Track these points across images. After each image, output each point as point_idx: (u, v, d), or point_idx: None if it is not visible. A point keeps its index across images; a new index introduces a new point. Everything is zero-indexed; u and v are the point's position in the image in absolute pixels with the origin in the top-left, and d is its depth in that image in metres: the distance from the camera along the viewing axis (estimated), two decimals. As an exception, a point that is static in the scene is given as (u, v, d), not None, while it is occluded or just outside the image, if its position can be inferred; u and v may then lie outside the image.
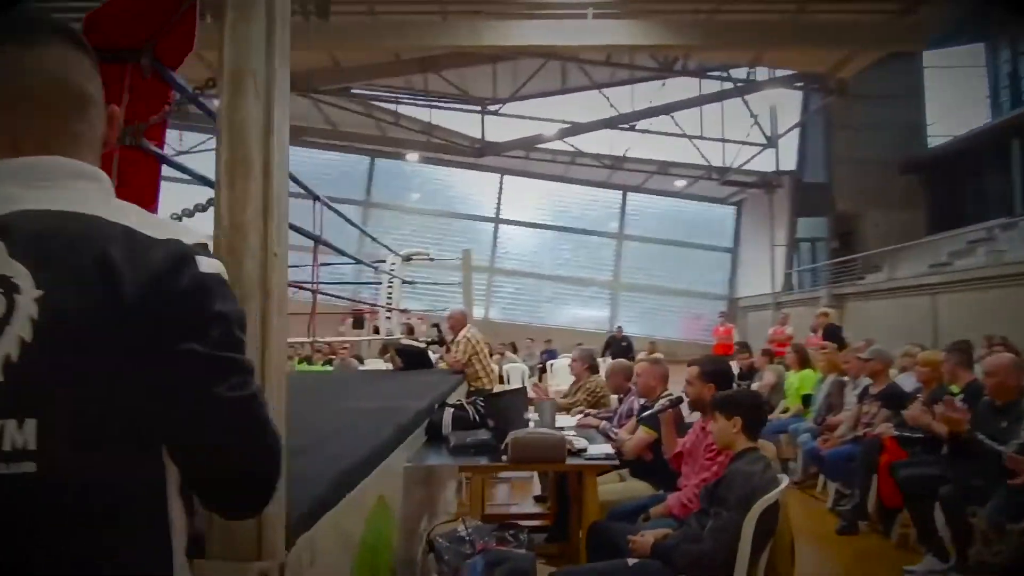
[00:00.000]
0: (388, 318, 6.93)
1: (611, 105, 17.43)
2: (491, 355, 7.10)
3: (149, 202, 2.32)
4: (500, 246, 20.81)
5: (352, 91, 17.17)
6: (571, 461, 3.19)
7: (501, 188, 20.87)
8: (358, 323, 12.30)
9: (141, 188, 2.28)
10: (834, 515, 4.88)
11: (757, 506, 2.34)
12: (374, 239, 6.02)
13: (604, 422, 4.20)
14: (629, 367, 4.52)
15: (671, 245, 21.35)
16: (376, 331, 6.71)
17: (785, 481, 2.52)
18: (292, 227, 4.54)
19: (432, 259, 8.28)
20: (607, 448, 3.44)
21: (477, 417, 3.66)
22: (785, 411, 6.28)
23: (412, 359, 7.04)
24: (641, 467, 3.71)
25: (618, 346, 12.76)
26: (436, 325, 9.42)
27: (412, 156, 19.49)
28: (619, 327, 14.07)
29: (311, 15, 11.57)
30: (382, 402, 3.96)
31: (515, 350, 12.89)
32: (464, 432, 3.59)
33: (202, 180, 4.07)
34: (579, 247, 21.12)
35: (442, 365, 7.01)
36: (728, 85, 17.29)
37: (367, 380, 6.34)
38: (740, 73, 16.81)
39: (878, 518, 4.52)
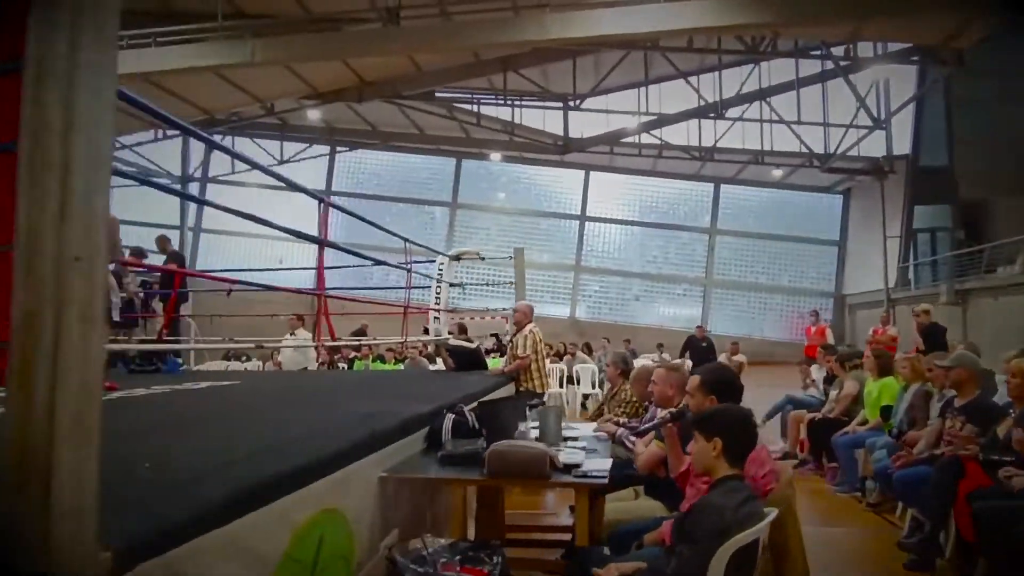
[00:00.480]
0: (436, 319, 6.84)
1: (699, 94, 16.67)
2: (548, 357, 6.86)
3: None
4: (586, 243, 20.43)
5: (435, 95, 17.37)
6: (561, 478, 2.91)
7: (586, 184, 20.48)
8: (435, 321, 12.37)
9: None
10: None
11: (728, 545, 1.99)
12: (406, 238, 5.91)
13: (622, 429, 3.87)
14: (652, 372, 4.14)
15: (770, 239, 20.16)
16: (425, 331, 6.65)
17: (770, 516, 2.13)
18: (297, 232, 4.52)
19: (483, 258, 8.11)
20: (607, 464, 3.13)
21: (476, 424, 3.45)
22: (863, 423, 5.62)
23: (463, 359, 6.93)
24: (654, 485, 3.37)
25: (697, 347, 12.07)
26: (495, 334, 9.34)
27: (495, 156, 19.51)
28: (699, 326, 13.32)
29: (384, 23, 11.74)
30: (384, 405, 3.83)
31: (590, 350, 12.50)
32: (463, 440, 3.39)
33: (296, 187, 4.08)
34: (668, 243, 20.37)
35: (492, 364, 6.84)
36: (829, 64, 16.07)
37: (404, 380, 6.28)
38: (841, 51, 15.54)
39: (957, 555, 3.89)
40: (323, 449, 2.52)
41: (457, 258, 7.26)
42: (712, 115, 17.18)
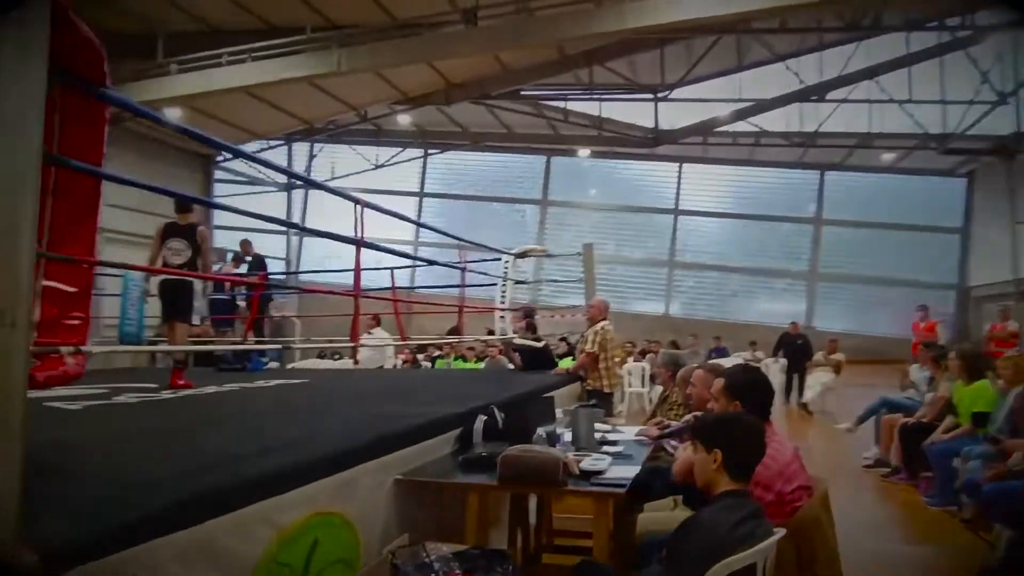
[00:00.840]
0: (502, 317, 6.77)
1: (798, 77, 15.69)
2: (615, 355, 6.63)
3: (86, 216, 2.34)
4: (680, 238, 19.76)
5: (522, 93, 17.35)
6: (579, 485, 2.76)
7: (679, 177, 19.80)
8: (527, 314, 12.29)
9: (78, 203, 2.32)
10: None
11: (718, 569, 1.79)
12: (459, 238, 5.85)
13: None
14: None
15: (882, 228, 18.70)
16: (490, 332, 6.58)
17: (775, 536, 1.90)
18: (329, 235, 4.55)
19: (550, 255, 7.93)
20: (634, 471, 2.94)
21: (503, 426, 3.36)
22: (949, 429, 5.04)
23: (531, 358, 6.83)
24: (691, 494, 3.14)
25: (791, 344, 11.31)
26: (564, 338, 9.14)
27: (584, 152, 19.24)
28: (793, 323, 12.44)
29: (465, 23, 11.82)
30: (418, 406, 3.81)
31: (676, 349, 12.03)
32: (491, 443, 3.31)
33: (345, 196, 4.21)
34: (769, 235, 19.33)
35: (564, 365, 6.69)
36: (946, 36, 14.69)
37: (464, 379, 6.27)
38: (956, 21, 14.14)
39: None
40: (318, 451, 2.51)
41: (522, 255, 7.17)
42: (814, 98, 16.12)
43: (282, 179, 20.77)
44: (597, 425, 4.06)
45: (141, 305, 8.46)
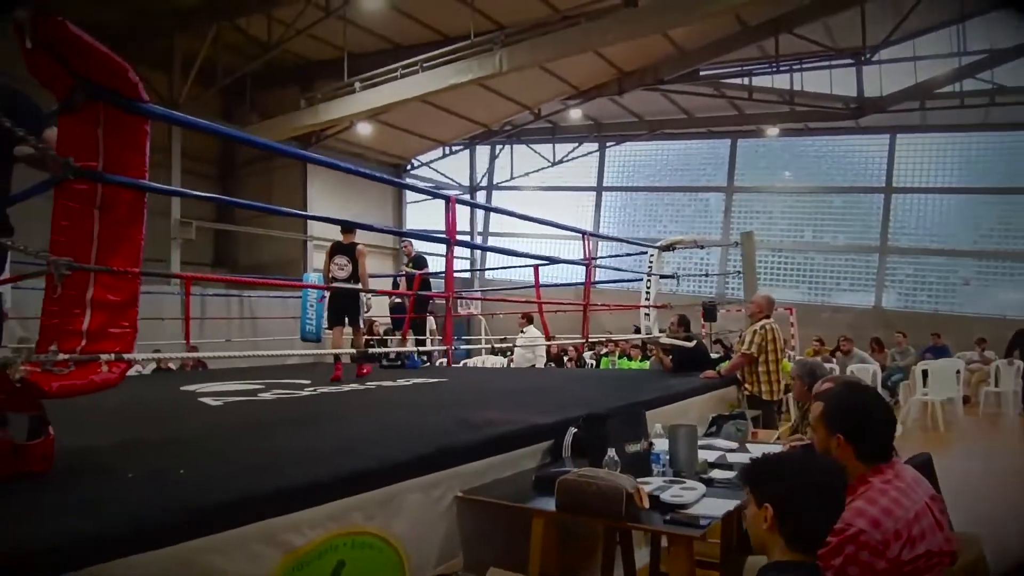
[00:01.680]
0: (647, 315, 6.24)
1: (1043, 17, 12.93)
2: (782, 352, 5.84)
3: (131, 227, 2.40)
4: (894, 219, 17.29)
5: (700, 74, 16.31)
6: (651, 520, 2.33)
7: (891, 150, 17.33)
8: (709, 315, 11.50)
9: (123, 215, 2.39)
10: None
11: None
12: (583, 231, 5.41)
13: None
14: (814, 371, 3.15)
15: None
16: (636, 330, 6.07)
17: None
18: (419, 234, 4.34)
19: (701, 246, 7.16)
20: (729, 507, 2.43)
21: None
22: None
23: (682, 358, 6.26)
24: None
25: (1030, 343, 9.27)
26: (719, 340, 8.26)
27: (773, 131, 17.62)
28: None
29: (624, 5, 11.31)
30: (515, 412, 3.55)
31: (879, 347, 10.47)
32: (581, 460, 2.98)
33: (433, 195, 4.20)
34: (1013, 211, 16.20)
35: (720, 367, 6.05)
36: None
37: (594, 381, 5.85)
38: None
39: None
40: (349, 465, 2.35)
41: (669, 248, 6.57)
42: (1067, 41, 13.24)
43: (466, 183, 21.60)
44: (722, 443, 3.53)
45: (319, 308, 9.15)
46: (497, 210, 18.48)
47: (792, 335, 14.34)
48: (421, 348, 8.01)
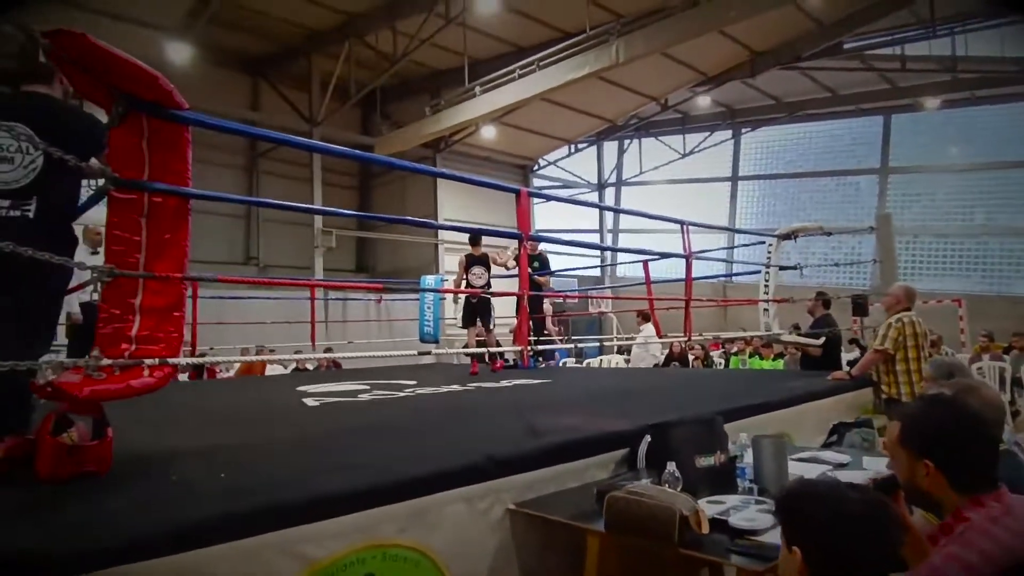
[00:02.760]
0: (765, 310, 5.65)
1: None
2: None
3: (175, 234, 2.44)
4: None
5: (843, 47, 14.90)
6: (711, 551, 2.00)
7: (1085, 114, 14.87)
8: (859, 309, 10.42)
9: (167, 221, 2.44)
10: None
11: None
12: (680, 220, 4.92)
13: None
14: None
15: None
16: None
17: None
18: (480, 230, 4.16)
19: (828, 232, 6.34)
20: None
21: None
22: None
23: (807, 356, 5.64)
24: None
25: None
26: (854, 340, 7.29)
27: (933, 103, 15.70)
28: None
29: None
30: (594, 418, 3.29)
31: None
32: (648, 471, 2.69)
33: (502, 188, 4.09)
34: None
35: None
36: None
37: (703, 382, 5.38)
38: None
39: None
40: (385, 473, 2.23)
41: (789, 236, 5.89)
42: None
43: (594, 179, 21.26)
44: (831, 456, 3.06)
45: (436, 311, 9.31)
46: (574, 202, 17.95)
47: (962, 330, 12.69)
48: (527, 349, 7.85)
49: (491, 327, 7.39)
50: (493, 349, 6.21)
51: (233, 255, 15.82)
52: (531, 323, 8.61)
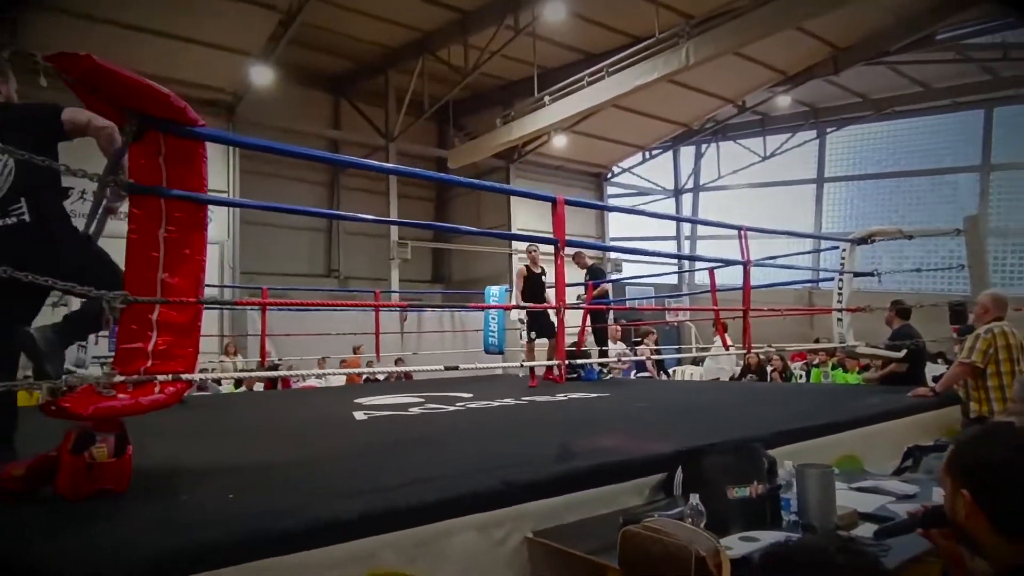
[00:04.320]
0: (839, 320, 5.20)
1: None
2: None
3: (191, 249, 2.43)
4: None
5: (936, 37, 13.86)
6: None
7: None
8: (958, 317, 9.60)
9: (185, 237, 2.44)
10: None
11: None
12: (739, 226, 4.52)
13: None
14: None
15: None
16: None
17: None
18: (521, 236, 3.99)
19: (909, 236, 5.75)
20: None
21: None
22: None
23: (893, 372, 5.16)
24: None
25: None
26: (941, 354, 6.55)
27: (1041, 93, 14.35)
28: None
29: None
30: (625, 438, 3.08)
31: None
32: (680, 499, 2.47)
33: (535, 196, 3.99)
34: None
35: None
36: None
37: (773, 398, 5.00)
38: None
39: None
40: (392, 498, 2.11)
41: (865, 240, 5.39)
42: None
43: (670, 185, 20.69)
44: (895, 487, 2.74)
45: (501, 321, 9.22)
46: (610, 208, 17.41)
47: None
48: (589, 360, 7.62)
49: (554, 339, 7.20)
50: (535, 363, 6.07)
51: (314, 267, 16.34)
52: (595, 333, 8.40)
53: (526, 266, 6.97)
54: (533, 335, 6.92)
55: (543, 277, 6.86)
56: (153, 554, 1.68)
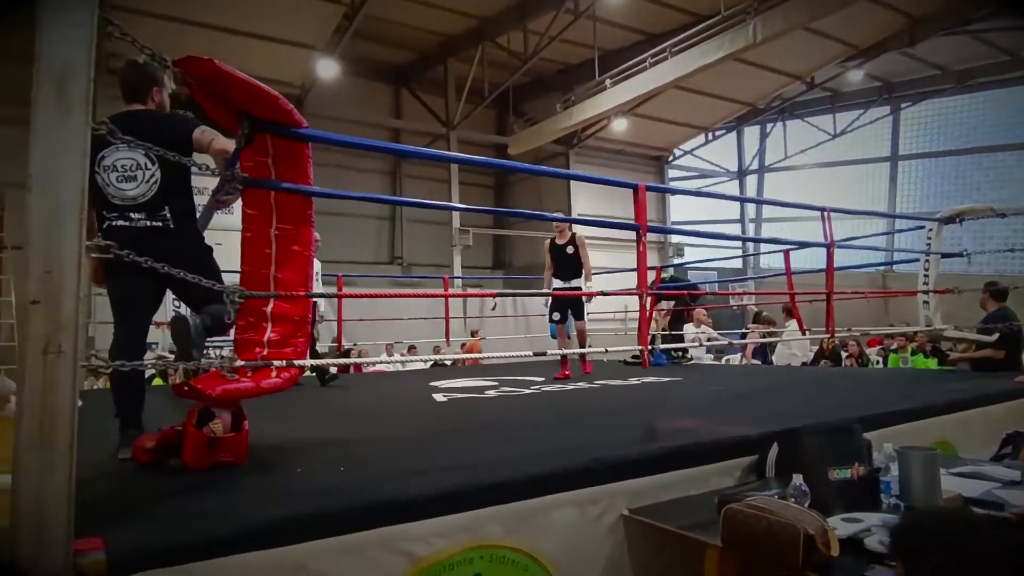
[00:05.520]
0: (925, 303, 4.99)
1: None
2: None
3: (295, 241, 2.56)
4: None
5: (1025, 1, 13.04)
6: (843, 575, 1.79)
7: None
8: None
9: (294, 227, 2.57)
10: None
11: None
12: (822, 208, 4.36)
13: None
14: None
15: None
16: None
17: None
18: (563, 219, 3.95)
19: (1002, 214, 5.42)
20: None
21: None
22: None
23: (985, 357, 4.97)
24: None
25: None
26: None
27: None
28: None
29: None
30: (707, 421, 3.09)
31: None
32: (786, 482, 2.47)
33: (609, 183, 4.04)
34: None
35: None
36: None
37: (838, 383, 4.87)
38: None
39: None
40: (482, 476, 2.20)
41: (953, 220, 5.14)
42: None
43: (734, 167, 20.20)
44: (1002, 472, 2.67)
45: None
46: (691, 192, 16.97)
47: None
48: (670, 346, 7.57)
49: (584, 320, 6.12)
50: (572, 351, 5.80)
51: (379, 255, 16.69)
52: (671, 316, 8.33)
53: (552, 239, 6.10)
54: (557, 316, 6.00)
55: (567, 249, 5.89)
56: (266, 520, 1.80)
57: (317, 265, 6.78)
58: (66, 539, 1.51)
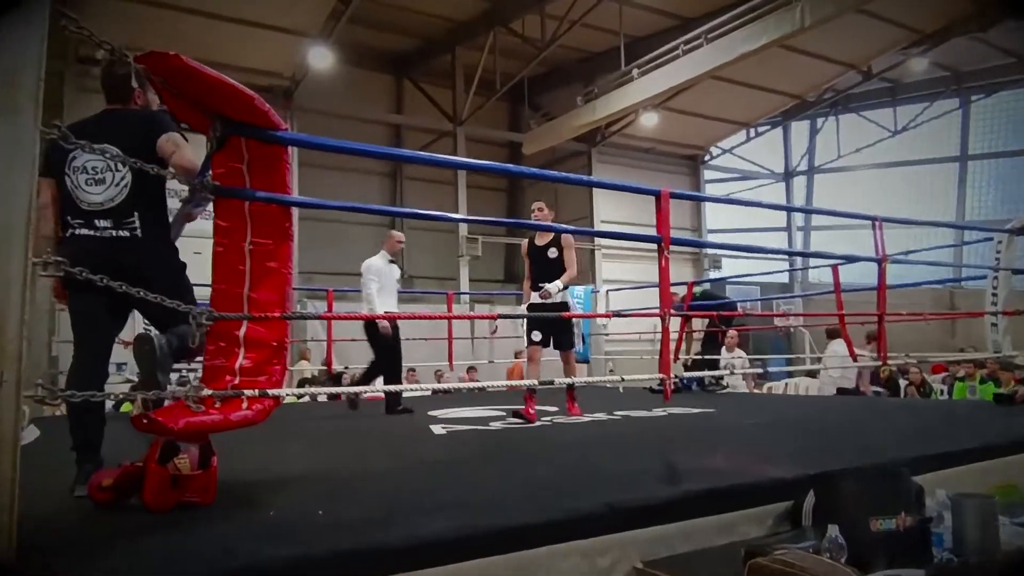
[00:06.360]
0: (994, 325, 4.95)
1: None
2: None
3: (273, 256, 2.61)
4: None
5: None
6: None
7: None
8: None
9: (271, 242, 2.62)
10: None
11: None
12: (873, 217, 4.33)
13: None
14: None
15: None
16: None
17: None
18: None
19: None
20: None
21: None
22: None
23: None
24: None
25: None
26: None
27: None
28: None
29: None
30: (737, 460, 3.09)
31: None
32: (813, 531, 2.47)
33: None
34: None
35: None
36: None
37: (891, 418, 4.83)
38: None
39: None
40: (466, 525, 2.20)
41: None
42: None
43: (779, 168, 20.16)
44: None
45: (586, 327, 9.25)
46: (706, 198, 16.92)
47: None
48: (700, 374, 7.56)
49: (572, 348, 5.66)
50: (564, 380, 5.13)
51: (377, 266, 16.76)
52: (706, 339, 8.32)
53: (529, 239, 5.53)
54: (538, 336, 5.32)
55: (548, 252, 5.27)
56: (225, 570, 1.82)
57: (396, 272, 6.95)
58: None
